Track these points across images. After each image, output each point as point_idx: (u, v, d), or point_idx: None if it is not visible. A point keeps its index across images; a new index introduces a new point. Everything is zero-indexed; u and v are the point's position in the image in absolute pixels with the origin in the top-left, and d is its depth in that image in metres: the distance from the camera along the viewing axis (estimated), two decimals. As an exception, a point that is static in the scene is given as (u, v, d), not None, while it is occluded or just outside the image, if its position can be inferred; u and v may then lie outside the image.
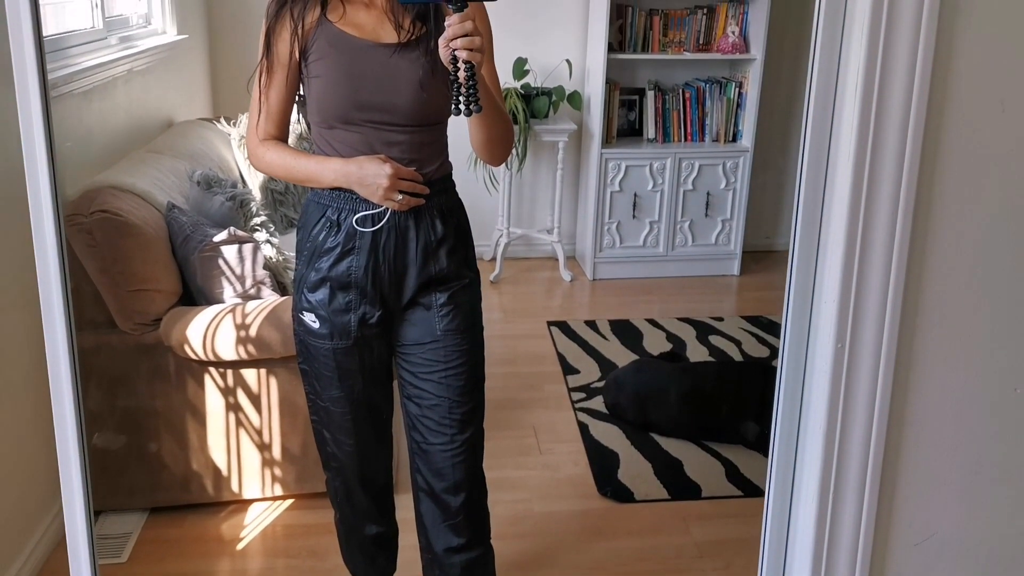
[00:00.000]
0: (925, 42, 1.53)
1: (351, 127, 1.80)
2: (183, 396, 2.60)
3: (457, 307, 1.92)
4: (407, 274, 1.87)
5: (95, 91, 3.01)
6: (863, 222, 1.62)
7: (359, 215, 1.81)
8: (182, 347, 2.53)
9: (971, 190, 1.67)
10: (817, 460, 1.73)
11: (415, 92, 1.77)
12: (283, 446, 2.68)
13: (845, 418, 1.69)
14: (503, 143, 1.83)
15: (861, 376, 1.68)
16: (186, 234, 2.70)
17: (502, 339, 4.12)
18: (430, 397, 1.95)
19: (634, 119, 4.89)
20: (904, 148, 1.57)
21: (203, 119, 4.05)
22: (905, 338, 1.69)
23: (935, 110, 1.61)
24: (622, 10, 4.66)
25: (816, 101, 1.63)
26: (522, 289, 4.78)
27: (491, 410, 3.36)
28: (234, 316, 2.56)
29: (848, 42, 1.59)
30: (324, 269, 1.85)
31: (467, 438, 1.98)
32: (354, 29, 1.78)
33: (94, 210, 2.50)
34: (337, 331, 1.88)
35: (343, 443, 2.03)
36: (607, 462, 3.07)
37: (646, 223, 4.80)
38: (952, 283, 1.72)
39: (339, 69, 1.77)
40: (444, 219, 1.88)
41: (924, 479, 1.82)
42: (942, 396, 1.77)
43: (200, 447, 2.64)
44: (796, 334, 1.74)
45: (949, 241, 1.69)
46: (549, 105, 4.69)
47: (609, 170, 4.70)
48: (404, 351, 1.96)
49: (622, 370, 3.50)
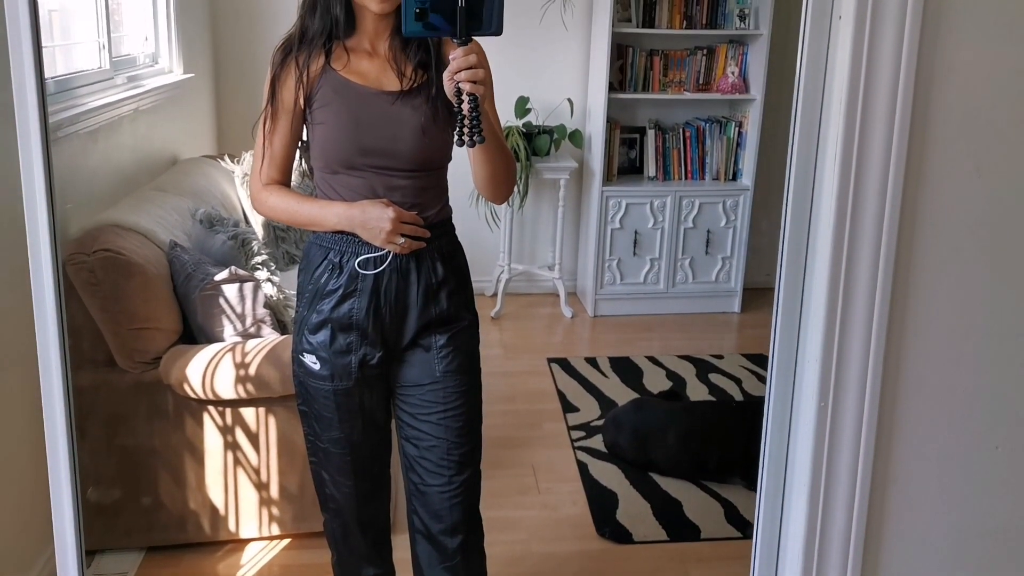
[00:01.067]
0: (902, 110, 1.57)
1: (355, 172, 1.83)
2: (181, 435, 2.61)
3: (456, 349, 1.94)
4: (408, 316, 1.88)
5: (101, 130, 3.05)
6: (844, 285, 1.65)
7: (361, 258, 1.84)
8: (181, 386, 2.54)
9: (949, 252, 1.69)
10: (802, 519, 1.75)
11: (417, 138, 1.81)
12: (281, 485, 2.68)
13: (829, 476, 1.70)
14: (506, 180, 1.85)
15: (844, 435, 1.70)
16: (188, 272, 2.72)
17: (503, 376, 4.12)
18: (428, 438, 1.96)
19: (635, 157, 4.92)
20: (883, 213, 1.61)
21: (207, 156, 4.09)
22: (887, 398, 1.71)
23: (912, 175, 1.63)
24: (623, 50, 4.71)
25: (796, 180, 1.68)
26: (523, 325, 4.79)
27: (491, 448, 3.37)
28: (233, 355, 2.57)
29: (827, 115, 1.63)
30: (326, 311, 1.87)
31: (465, 479, 1.99)
32: (358, 77, 1.82)
33: (96, 249, 2.52)
34: (338, 372, 1.90)
35: (342, 484, 2.04)
36: (606, 502, 3.06)
37: (647, 260, 4.82)
38: (932, 344, 1.74)
39: (343, 116, 1.81)
40: (445, 262, 1.90)
41: (909, 538, 1.83)
42: (926, 455, 1.79)
43: (198, 486, 2.64)
44: (780, 393, 1.76)
45: (929, 303, 1.72)
46: (551, 143, 4.73)
47: (610, 207, 4.72)
48: (403, 392, 1.97)
49: (621, 409, 3.50)
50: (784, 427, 1.76)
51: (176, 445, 2.61)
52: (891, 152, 1.55)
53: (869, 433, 1.68)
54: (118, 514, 2.65)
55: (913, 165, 1.62)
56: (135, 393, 2.58)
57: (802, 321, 1.71)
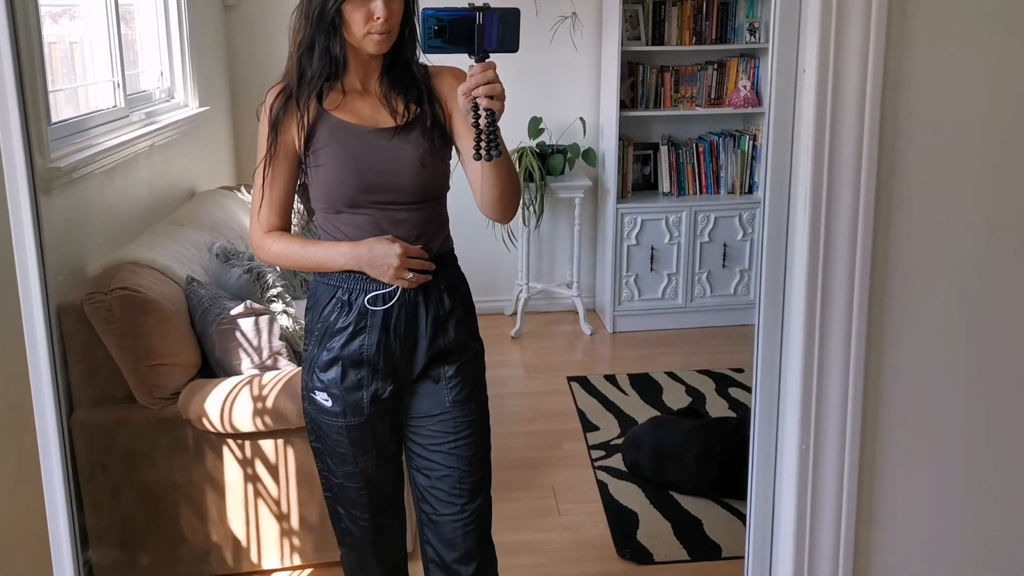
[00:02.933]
0: (868, 159, 1.60)
1: (358, 210, 1.85)
2: (202, 468, 2.64)
3: (464, 379, 1.96)
4: (417, 348, 1.91)
5: (117, 168, 3.10)
6: (819, 332, 1.68)
7: (370, 295, 1.86)
8: (200, 420, 2.57)
9: (922, 296, 1.72)
10: (789, 560, 1.75)
11: (417, 170, 1.84)
12: (301, 515, 2.70)
13: (814, 518, 1.71)
14: (513, 198, 1.87)
15: (827, 478, 1.71)
16: (204, 307, 2.76)
17: (523, 396, 4.14)
18: (439, 468, 1.97)
19: (649, 173, 4.93)
20: (854, 260, 1.63)
21: (224, 188, 4.14)
22: (868, 439, 1.72)
23: (881, 222, 1.66)
24: (633, 68, 4.72)
25: (770, 226, 1.71)
26: (543, 344, 4.80)
27: (511, 470, 3.40)
28: (251, 388, 2.60)
29: (796, 165, 1.66)
30: (336, 348, 1.89)
31: (476, 507, 2.00)
32: (352, 117, 1.85)
33: (113, 287, 2.56)
34: (350, 408, 1.92)
35: (358, 518, 2.06)
36: (626, 522, 3.06)
37: (664, 275, 4.82)
38: (910, 385, 1.76)
39: (342, 157, 1.83)
40: (451, 293, 1.93)
41: (894, 572, 1.83)
42: (909, 495, 1.79)
43: (219, 518, 2.68)
44: (764, 436, 1.79)
45: (905, 345, 1.74)
46: (564, 162, 4.75)
47: (625, 224, 4.73)
48: (413, 424, 1.99)
49: (640, 428, 3.50)
50: (770, 470, 1.79)
51: (197, 479, 2.65)
52: (859, 201, 1.57)
53: (851, 474, 1.70)
54: (142, 548, 2.68)
55: (882, 212, 1.64)
56: (155, 429, 2.61)
57: (782, 367, 1.74)
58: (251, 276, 3.00)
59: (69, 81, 3.27)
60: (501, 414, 3.90)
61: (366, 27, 1.75)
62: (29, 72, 2.46)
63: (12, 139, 1.73)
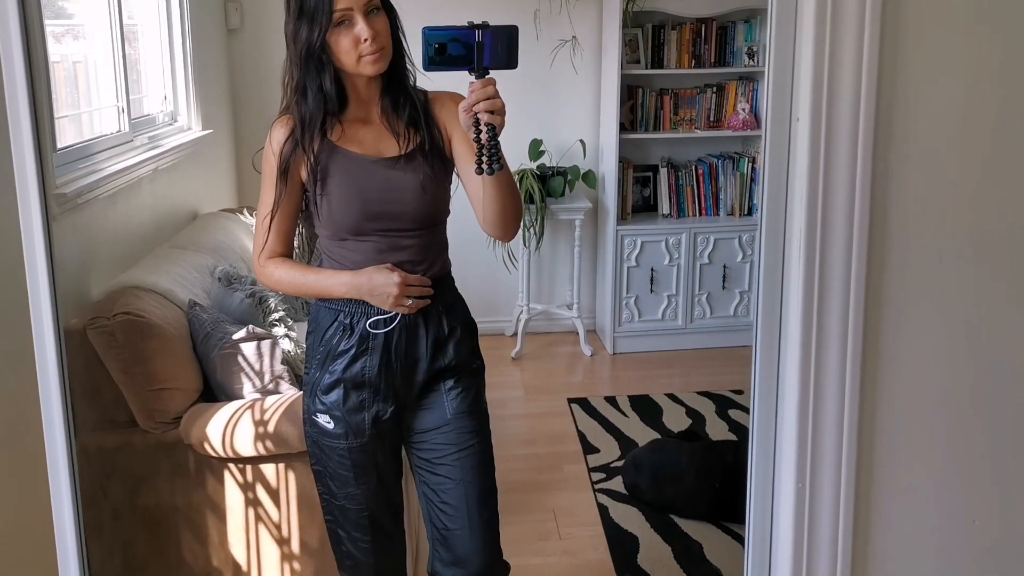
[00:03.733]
0: (860, 207, 1.63)
1: (362, 237, 1.89)
2: (203, 493, 2.65)
3: (465, 390, 2.00)
4: (417, 368, 1.95)
5: (120, 193, 3.12)
6: (815, 375, 1.70)
7: (372, 319, 1.89)
8: (202, 445, 2.58)
9: (914, 335, 1.74)
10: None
11: (419, 197, 1.87)
12: (302, 540, 2.71)
13: (811, 550, 1.73)
14: (515, 215, 1.89)
15: (823, 515, 1.74)
16: (207, 332, 2.78)
17: (524, 418, 4.15)
18: (447, 481, 2.00)
19: (649, 195, 4.96)
20: (848, 299, 1.65)
21: (226, 210, 4.17)
22: (863, 475, 1.74)
23: (875, 264, 1.69)
24: (633, 91, 4.76)
25: (765, 275, 1.75)
26: (543, 365, 4.82)
27: (512, 493, 3.40)
28: (252, 412, 2.61)
29: (791, 206, 1.69)
30: (338, 371, 1.93)
31: (487, 520, 2.02)
32: (356, 146, 1.88)
33: (116, 312, 2.58)
34: (352, 430, 1.95)
35: (359, 540, 2.07)
36: (627, 546, 3.07)
37: (664, 297, 4.84)
38: (903, 422, 1.78)
39: (347, 187, 1.87)
40: (450, 314, 1.97)
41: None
42: (903, 533, 1.81)
43: (220, 543, 2.68)
44: (761, 477, 1.82)
45: (899, 381, 1.76)
46: (565, 184, 4.78)
47: (625, 246, 4.76)
48: (417, 439, 2.02)
49: (640, 450, 3.51)
50: (767, 508, 1.81)
51: (198, 503, 2.66)
52: (852, 244, 1.60)
53: (847, 512, 1.72)
54: (143, 572, 2.69)
55: (875, 255, 1.67)
56: (156, 453, 2.62)
57: (778, 405, 1.76)
58: (253, 300, 3.02)
59: (72, 100, 3.29)
60: (501, 436, 3.89)
61: (356, 51, 1.77)
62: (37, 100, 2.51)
63: (26, 167, 1.75)
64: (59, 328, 1.77)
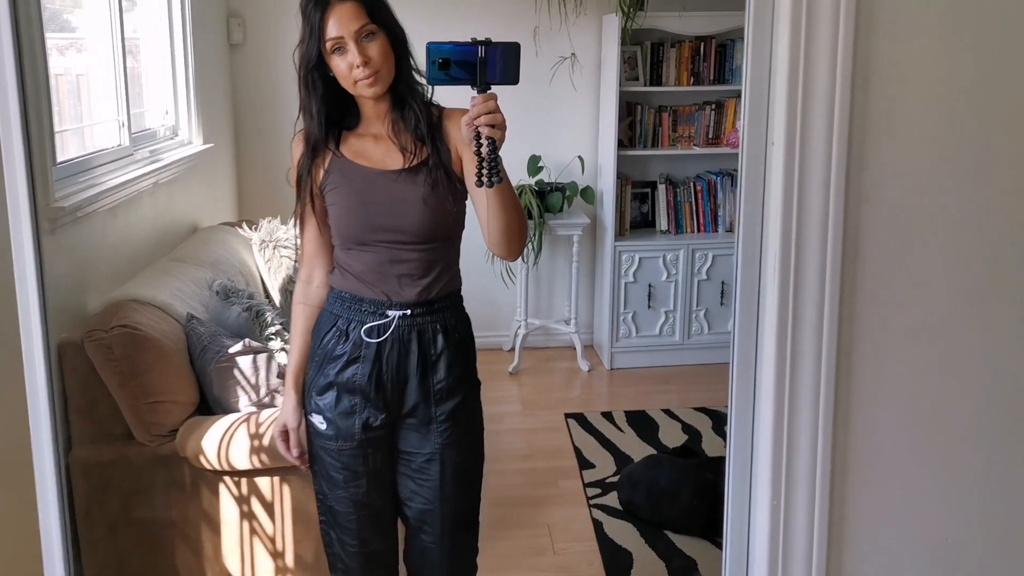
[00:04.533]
0: (834, 229, 1.67)
1: (366, 247, 1.95)
2: (198, 506, 2.66)
3: (455, 423, 2.01)
4: (408, 384, 1.98)
5: (120, 206, 3.15)
6: (789, 390, 1.74)
7: (366, 326, 1.95)
8: (197, 458, 2.60)
9: (887, 362, 1.79)
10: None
11: (420, 211, 1.91)
12: (296, 553, 2.72)
13: (786, 572, 1.74)
14: (519, 233, 1.91)
15: (797, 532, 1.77)
16: (203, 345, 2.79)
17: (520, 432, 4.16)
18: (426, 502, 2.05)
19: (647, 211, 4.98)
20: (822, 321, 1.70)
21: (226, 224, 4.19)
22: (837, 494, 1.78)
23: (848, 286, 1.74)
24: (632, 108, 4.79)
25: (742, 294, 1.79)
26: (541, 380, 4.83)
27: (507, 508, 3.41)
28: (248, 425, 2.63)
29: (767, 228, 1.74)
30: (332, 375, 1.99)
31: (459, 542, 2.10)
32: (363, 160, 1.95)
33: (114, 325, 2.60)
34: (342, 433, 2.00)
35: (347, 544, 2.10)
36: (621, 562, 3.07)
37: (661, 312, 4.85)
38: (878, 440, 1.82)
39: (351, 197, 1.94)
40: (446, 334, 1.99)
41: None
42: (877, 550, 1.85)
43: (215, 556, 2.69)
44: (738, 497, 1.86)
45: (873, 400, 1.81)
46: (563, 200, 4.80)
47: (623, 262, 4.77)
48: (403, 456, 2.06)
49: (635, 466, 3.52)
50: (744, 524, 1.86)
51: (193, 516, 2.67)
52: (826, 267, 1.63)
53: (821, 529, 1.76)
54: (137, 585, 2.70)
55: (848, 277, 1.71)
56: (152, 466, 2.63)
57: (755, 423, 1.80)
58: (250, 314, 3.04)
59: (75, 113, 3.32)
60: (498, 451, 3.93)
61: (351, 76, 1.85)
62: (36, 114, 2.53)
63: (17, 180, 1.78)
64: (48, 341, 1.79)
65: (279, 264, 3.86)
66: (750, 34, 1.66)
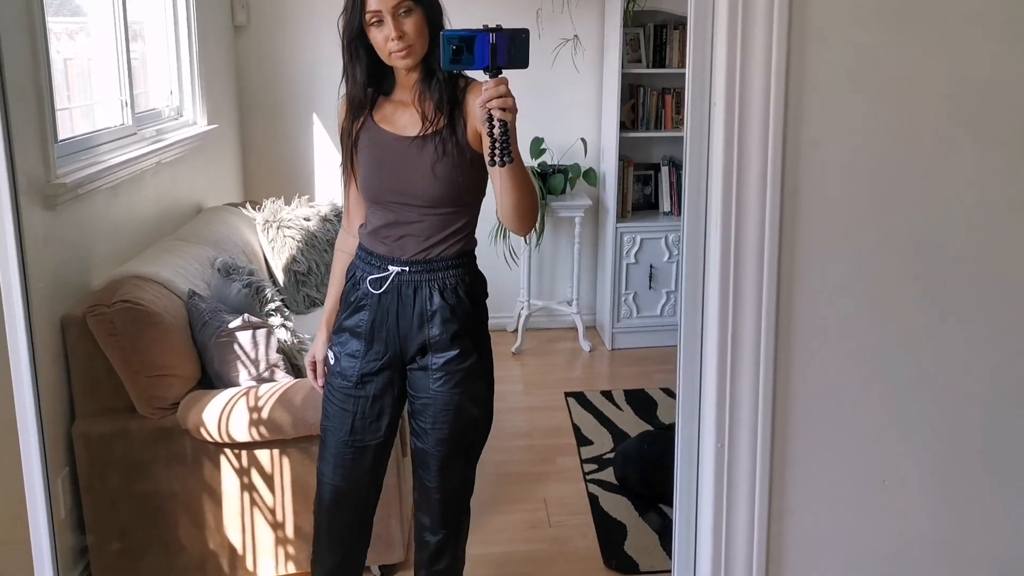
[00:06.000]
0: (772, 183, 1.77)
1: (380, 206, 2.11)
2: (199, 478, 2.72)
3: (449, 374, 2.13)
4: (407, 336, 2.12)
5: (123, 185, 3.19)
6: (731, 341, 1.87)
7: (371, 277, 2.11)
8: (198, 430, 2.65)
9: (824, 305, 1.92)
10: (708, 550, 1.96)
11: (429, 178, 2.03)
12: (296, 525, 2.77)
13: (730, 512, 1.89)
14: (530, 209, 2.00)
15: (740, 472, 1.91)
16: (204, 320, 2.84)
17: (521, 411, 4.20)
18: (423, 441, 2.21)
19: (650, 193, 5.01)
20: (762, 267, 1.84)
21: (230, 204, 4.23)
22: (779, 439, 1.91)
23: (787, 241, 1.85)
24: (634, 90, 4.81)
25: (688, 244, 1.89)
26: (543, 360, 4.87)
27: (505, 484, 3.46)
28: (247, 399, 2.68)
29: (711, 189, 1.83)
30: (344, 318, 2.18)
31: (451, 485, 2.26)
32: (388, 124, 2.09)
33: (116, 300, 2.65)
34: (344, 373, 2.18)
35: (325, 475, 2.27)
36: (614, 534, 3.12)
37: (663, 293, 4.88)
38: (817, 387, 1.96)
39: (371, 159, 2.09)
40: (443, 293, 2.10)
41: (806, 565, 2.04)
42: (818, 489, 2.00)
43: (216, 527, 2.75)
44: (686, 437, 1.98)
45: (811, 347, 1.94)
46: (566, 182, 4.83)
47: (624, 243, 4.81)
48: (410, 395, 2.21)
49: (630, 442, 3.56)
50: (692, 466, 1.97)
51: (194, 488, 2.72)
52: (765, 220, 1.70)
53: (763, 470, 1.90)
54: (140, 557, 2.75)
55: (787, 231, 1.83)
56: (154, 439, 2.69)
57: (702, 368, 1.93)
58: (251, 291, 3.09)
59: (86, 97, 3.37)
60: (499, 429, 3.94)
61: (386, 48, 1.98)
62: (35, 90, 2.58)
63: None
64: (29, 316, 1.87)
65: (283, 244, 3.91)
66: (692, 8, 1.79)
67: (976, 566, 2.09)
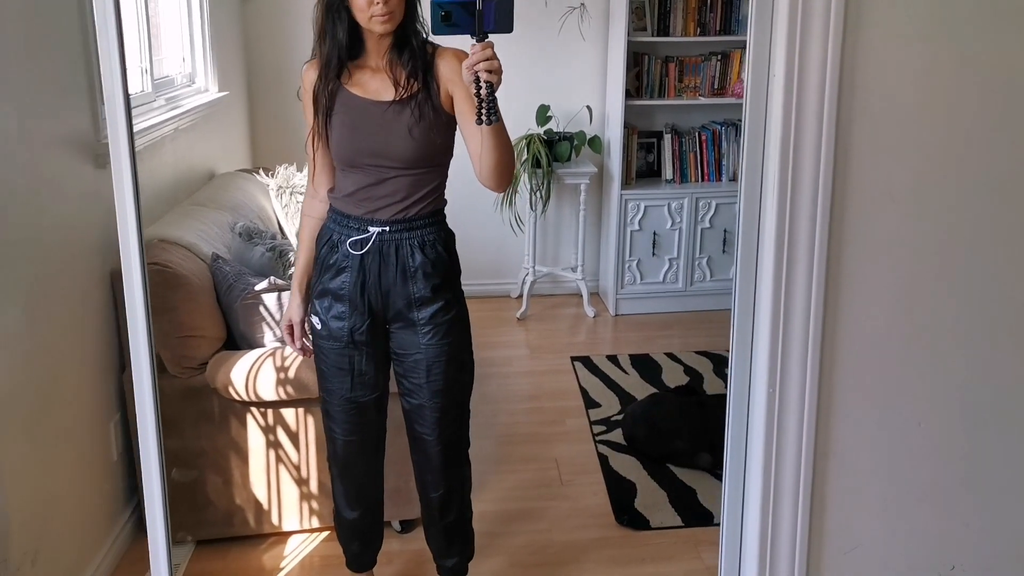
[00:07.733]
0: (826, 154, 1.90)
1: (355, 169, 2.18)
2: (227, 435, 2.81)
3: (437, 326, 2.25)
4: (390, 293, 2.22)
5: (144, 151, 3.25)
6: (785, 296, 2.01)
7: (352, 239, 2.19)
8: (226, 389, 2.74)
9: (873, 265, 2.07)
10: (758, 481, 2.10)
11: (406, 141, 2.12)
12: (320, 481, 2.87)
13: (780, 449, 2.06)
14: (508, 168, 2.11)
15: (790, 417, 2.05)
16: (229, 283, 2.92)
17: (528, 375, 4.30)
18: (416, 398, 2.32)
19: (653, 161, 5.08)
20: (814, 232, 1.98)
21: (243, 170, 4.29)
22: (825, 387, 2.07)
23: (838, 200, 1.99)
24: (639, 58, 4.87)
25: (745, 209, 2.01)
26: (548, 326, 4.96)
27: (515, 445, 3.57)
28: (274, 359, 2.77)
29: (767, 155, 1.96)
30: (325, 281, 2.25)
31: (448, 437, 2.36)
32: (359, 89, 2.15)
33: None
34: (333, 335, 2.27)
35: (335, 431, 2.40)
36: (625, 492, 3.23)
37: (665, 260, 4.98)
38: (862, 341, 2.12)
39: (345, 124, 2.15)
40: (423, 249, 2.20)
41: (847, 500, 2.22)
42: (860, 432, 2.17)
43: (243, 483, 2.84)
44: (739, 387, 2.14)
45: (858, 311, 2.09)
46: (571, 149, 4.90)
47: (629, 210, 4.89)
48: (396, 356, 2.31)
49: (638, 403, 3.67)
50: (743, 415, 2.12)
51: (222, 445, 2.82)
52: (818, 182, 1.83)
53: (810, 414, 2.04)
54: (172, 511, 2.84)
55: (838, 192, 1.97)
56: (183, 397, 2.78)
57: (755, 324, 2.06)
58: (274, 254, 3.16)
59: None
60: (506, 392, 4.08)
61: (369, 11, 2.03)
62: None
63: (116, 105, 2.02)
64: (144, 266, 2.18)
65: (296, 210, 3.98)
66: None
67: (1004, 500, 2.27)
